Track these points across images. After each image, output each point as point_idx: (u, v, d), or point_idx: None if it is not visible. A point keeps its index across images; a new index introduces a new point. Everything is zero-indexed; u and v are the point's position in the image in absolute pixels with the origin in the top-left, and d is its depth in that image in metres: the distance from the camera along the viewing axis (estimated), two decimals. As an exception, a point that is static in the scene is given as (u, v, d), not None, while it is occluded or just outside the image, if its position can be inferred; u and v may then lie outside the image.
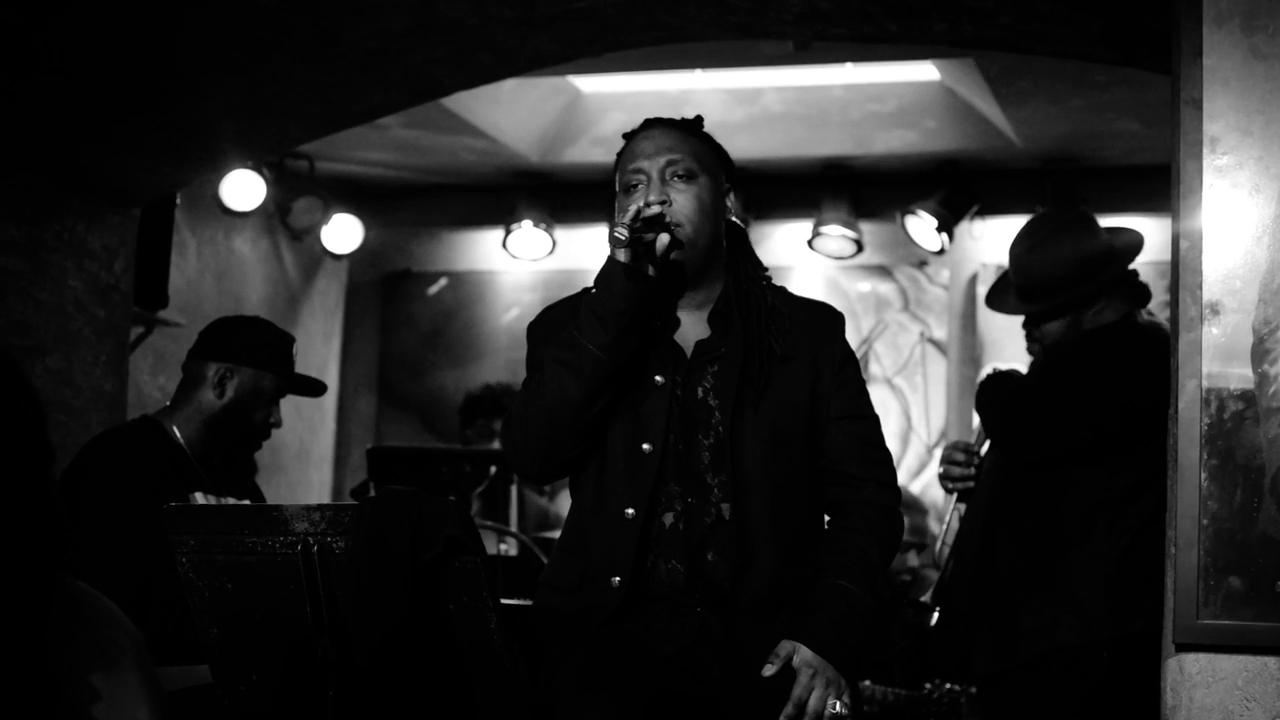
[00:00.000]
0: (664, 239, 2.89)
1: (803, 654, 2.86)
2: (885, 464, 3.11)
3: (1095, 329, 4.15)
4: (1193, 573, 2.99)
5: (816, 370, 3.04)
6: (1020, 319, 4.38)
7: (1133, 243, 4.31)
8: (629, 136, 3.14)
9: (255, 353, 4.09)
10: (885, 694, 5.43)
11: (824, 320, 3.13)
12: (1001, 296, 4.44)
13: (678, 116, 3.17)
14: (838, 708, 2.83)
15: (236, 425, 4.05)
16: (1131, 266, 4.29)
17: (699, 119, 3.16)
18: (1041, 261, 4.23)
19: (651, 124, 3.12)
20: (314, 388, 4.29)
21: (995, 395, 4.28)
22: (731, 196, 3.15)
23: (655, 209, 2.89)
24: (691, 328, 3.06)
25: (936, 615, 4.46)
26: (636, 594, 2.95)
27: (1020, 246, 4.31)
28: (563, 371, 2.91)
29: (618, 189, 3.09)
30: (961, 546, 4.32)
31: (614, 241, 2.85)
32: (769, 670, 2.84)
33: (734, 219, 3.16)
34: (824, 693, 2.82)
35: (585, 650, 2.93)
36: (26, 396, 2.05)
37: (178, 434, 4.02)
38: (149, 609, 3.63)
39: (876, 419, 3.13)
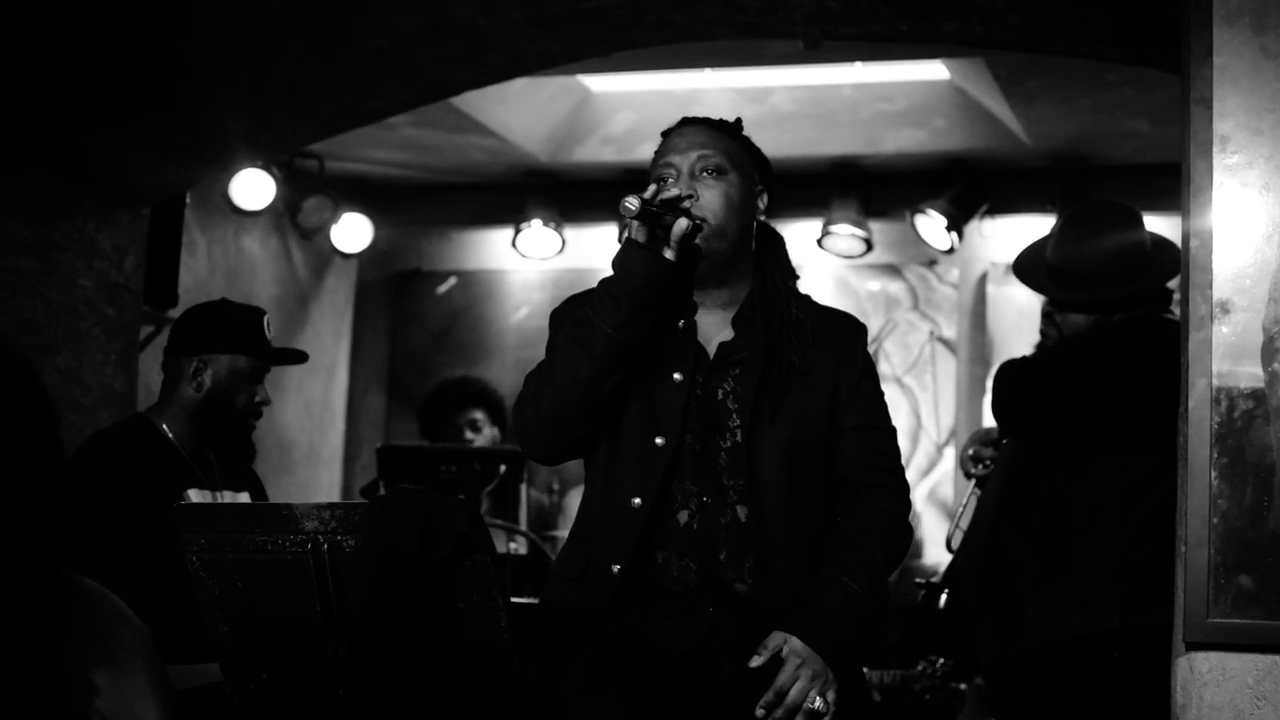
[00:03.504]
0: (682, 223, 2.87)
1: (792, 644, 2.84)
2: (897, 474, 3.10)
3: (1115, 321, 4.15)
4: (1203, 571, 2.99)
5: (835, 382, 3.04)
6: (1034, 301, 4.37)
7: (1172, 262, 4.26)
8: (667, 133, 3.14)
9: (225, 338, 4.09)
10: (881, 676, 5.46)
11: (846, 332, 3.12)
12: (1032, 272, 4.38)
13: (698, 117, 3.17)
14: (817, 703, 2.80)
15: (222, 413, 4.05)
16: None
17: (739, 121, 3.17)
18: (1088, 253, 4.18)
19: (688, 121, 3.13)
20: (293, 358, 4.29)
21: (1004, 379, 4.27)
22: (764, 199, 3.14)
23: (674, 190, 2.90)
24: (715, 328, 3.06)
25: (945, 597, 4.46)
26: (639, 586, 2.95)
27: (1071, 234, 4.24)
28: (574, 349, 2.92)
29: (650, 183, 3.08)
30: (972, 536, 4.33)
31: (624, 210, 2.83)
32: (756, 661, 2.83)
33: (763, 219, 3.15)
34: (807, 685, 2.80)
35: (594, 649, 2.93)
36: (38, 394, 2.06)
37: (168, 431, 4.04)
38: (150, 608, 3.64)
39: (893, 431, 3.12)
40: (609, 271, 2.96)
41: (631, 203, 2.83)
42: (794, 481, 2.96)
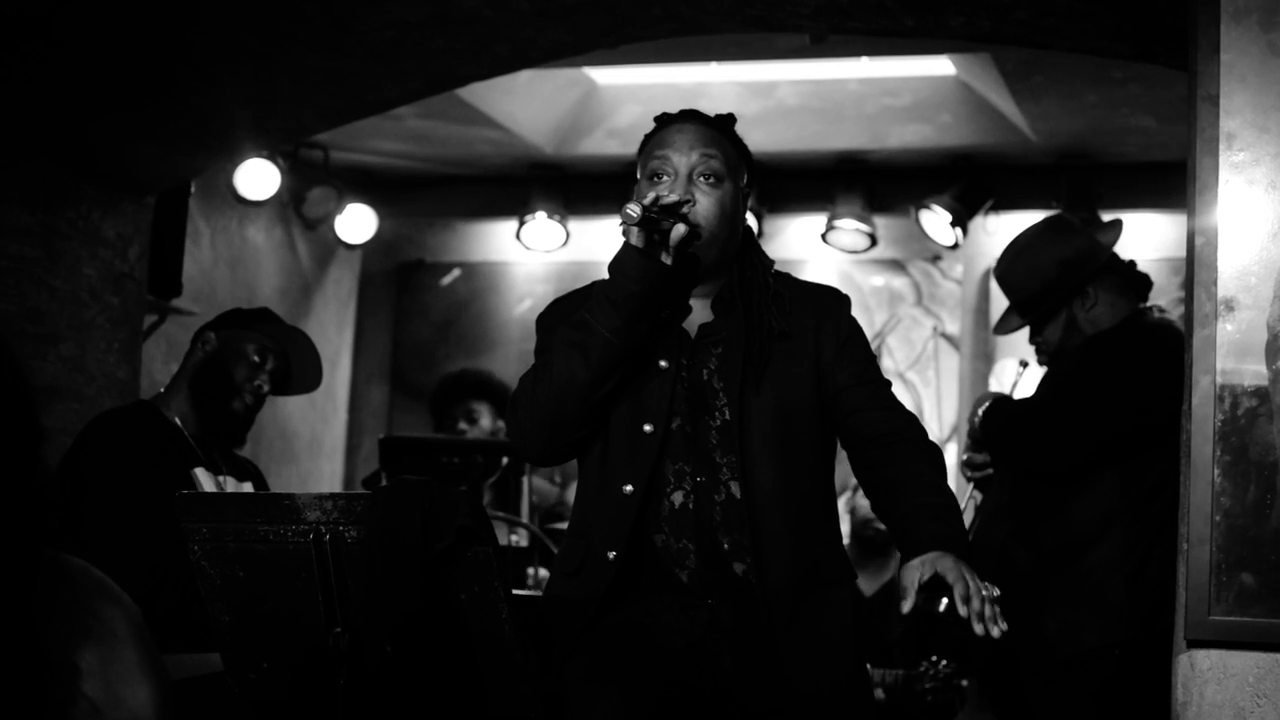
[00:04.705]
0: (680, 229, 2.88)
1: (926, 558, 2.79)
2: (906, 414, 3.07)
3: (1101, 334, 4.13)
4: (1205, 569, 2.99)
5: (818, 345, 3.04)
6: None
7: (1113, 233, 4.30)
8: (661, 122, 3.13)
9: (243, 320, 4.21)
10: (884, 675, 5.46)
11: (827, 299, 3.13)
12: (1005, 318, 4.44)
13: (694, 111, 3.16)
14: (993, 590, 2.78)
15: (217, 380, 4.08)
16: (1129, 258, 4.27)
17: (732, 117, 3.16)
18: (1022, 272, 4.25)
19: (687, 116, 3.11)
20: (298, 341, 4.29)
21: (1004, 420, 4.24)
22: (750, 200, 3.15)
23: (673, 197, 2.90)
24: (696, 314, 3.06)
25: (945, 601, 4.45)
26: (638, 574, 2.96)
27: (1001, 264, 4.34)
28: (572, 353, 2.92)
29: (640, 175, 3.08)
30: (980, 547, 4.31)
31: (625, 218, 2.84)
32: (908, 605, 2.78)
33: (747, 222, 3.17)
34: (964, 569, 2.78)
35: (594, 642, 2.94)
36: (13, 375, 2.03)
37: (174, 416, 4.06)
38: (164, 586, 3.66)
39: (888, 383, 3.11)
40: (612, 266, 2.96)
41: (633, 210, 2.83)
42: (786, 450, 2.97)
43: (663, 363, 2.99)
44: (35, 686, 1.97)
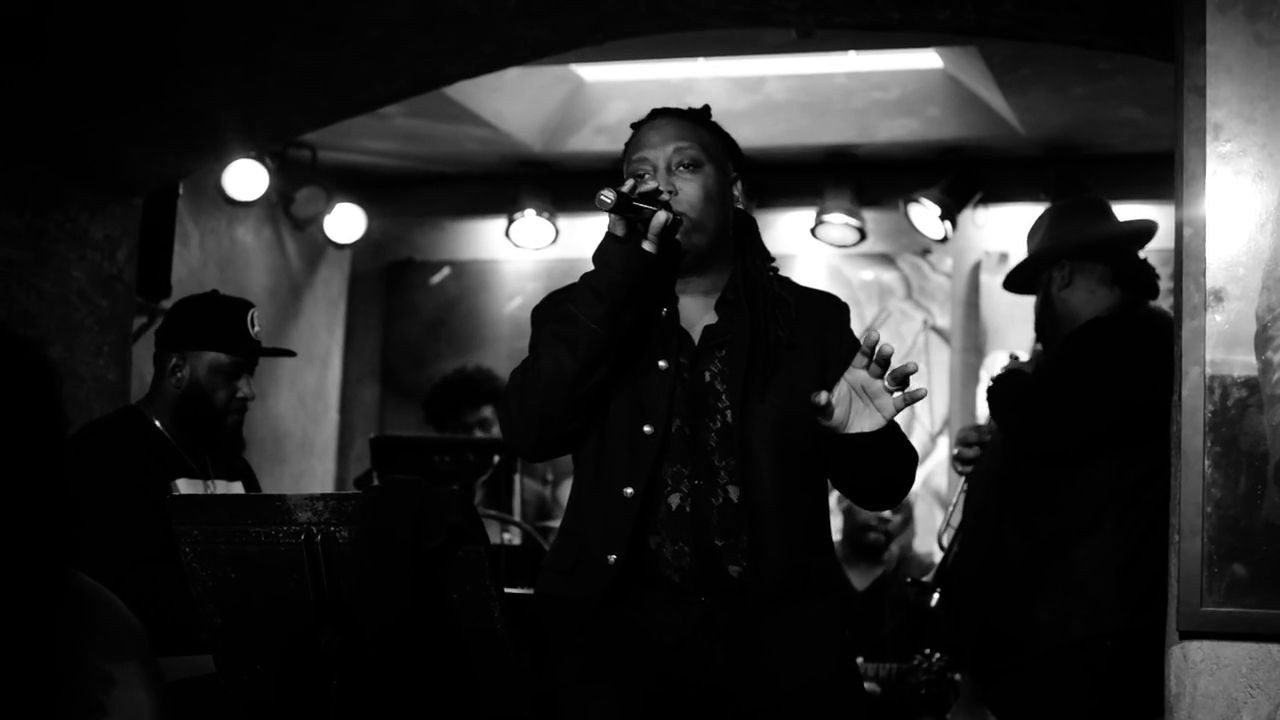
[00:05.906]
0: (660, 216, 2.87)
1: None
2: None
3: (1101, 318, 4.14)
4: (1196, 560, 3.00)
5: (824, 358, 3.03)
6: (1025, 307, 4.42)
7: (1121, 226, 4.37)
8: (636, 127, 3.14)
9: (204, 335, 4.10)
10: (878, 669, 5.46)
11: (830, 310, 3.13)
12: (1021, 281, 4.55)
13: (682, 106, 3.17)
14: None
15: (200, 409, 4.07)
16: (1141, 255, 4.30)
17: (706, 108, 3.16)
18: (1028, 240, 4.34)
19: (658, 114, 3.12)
20: (276, 355, 4.27)
21: (1009, 396, 4.24)
22: (739, 185, 3.14)
23: (652, 184, 2.89)
24: (698, 314, 3.05)
25: (937, 596, 4.45)
26: (634, 575, 2.95)
27: (1033, 230, 4.43)
28: (558, 345, 2.91)
29: (624, 179, 3.09)
30: (968, 537, 4.31)
31: (599, 204, 2.83)
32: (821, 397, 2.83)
33: (741, 207, 3.16)
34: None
35: (587, 640, 2.93)
36: (49, 394, 2.06)
37: (158, 422, 4.05)
38: (127, 597, 3.64)
39: None
40: (596, 256, 2.95)
41: (607, 195, 2.82)
42: (786, 458, 2.97)
43: (662, 363, 2.99)
44: (46, 692, 2.01)
